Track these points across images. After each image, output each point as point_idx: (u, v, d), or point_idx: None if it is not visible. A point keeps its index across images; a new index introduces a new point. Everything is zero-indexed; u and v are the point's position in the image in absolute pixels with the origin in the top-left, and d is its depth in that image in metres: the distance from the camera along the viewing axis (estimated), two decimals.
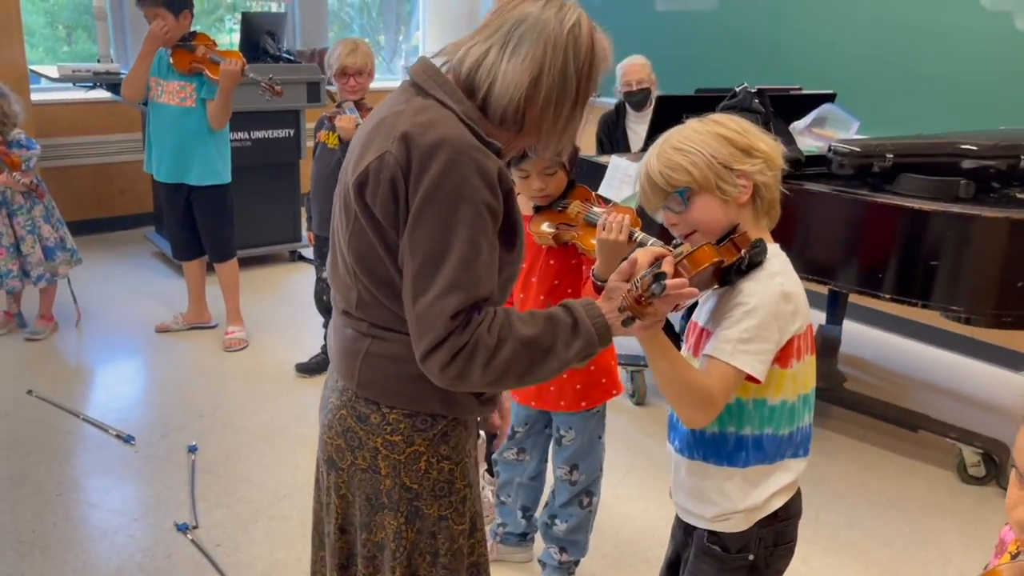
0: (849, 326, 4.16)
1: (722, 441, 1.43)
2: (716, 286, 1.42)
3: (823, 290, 3.87)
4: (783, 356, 1.38)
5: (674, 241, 1.45)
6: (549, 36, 1.27)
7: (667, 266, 1.28)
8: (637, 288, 1.22)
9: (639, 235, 1.81)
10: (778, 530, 1.47)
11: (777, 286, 1.35)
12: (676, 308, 1.33)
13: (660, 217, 1.44)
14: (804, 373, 1.42)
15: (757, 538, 1.45)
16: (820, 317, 4.20)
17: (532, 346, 1.26)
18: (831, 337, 3.96)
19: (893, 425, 3.35)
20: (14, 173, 3.68)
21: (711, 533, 1.48)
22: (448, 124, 1.25)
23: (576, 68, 1.29)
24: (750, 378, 1.34)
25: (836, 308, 4.08)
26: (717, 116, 1.42)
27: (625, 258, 1.35)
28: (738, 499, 1.43)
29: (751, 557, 1.46)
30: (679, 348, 1.46)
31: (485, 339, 1.23)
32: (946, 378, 4.00)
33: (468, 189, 1.22)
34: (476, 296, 1.24)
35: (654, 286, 1.20)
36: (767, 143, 1.39)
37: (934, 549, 2.70)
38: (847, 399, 3.48)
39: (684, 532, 1.58)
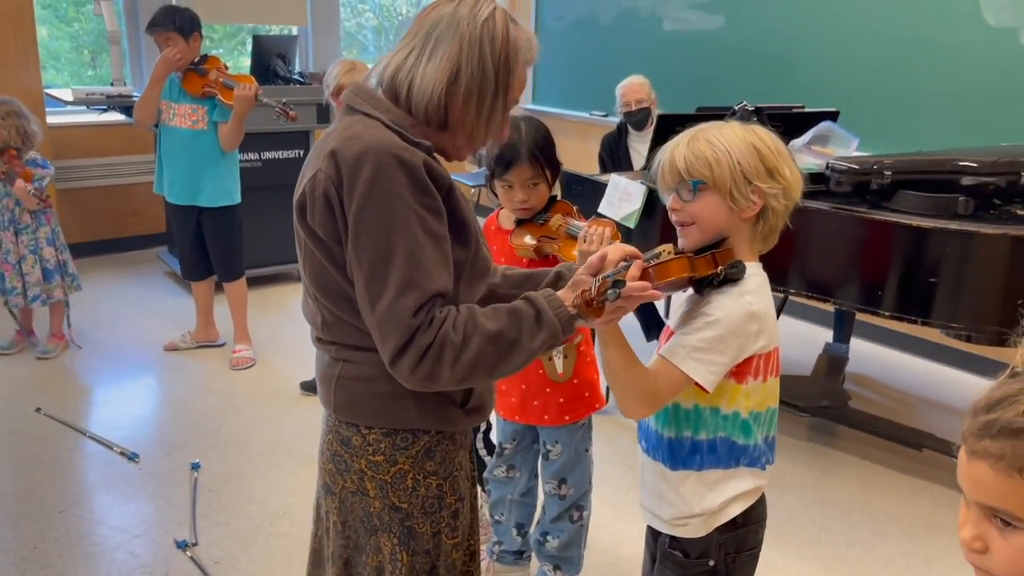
0: (854, 343, 4.13)
1: (678, 446, 1.45)
2: (691, 291, 1.43)
3: (830, 308, 3.85)
4: (740, 372, 1.39)
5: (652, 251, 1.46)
6: (464, 33, 1.31)
7: (635, 269, 1.28)
8: (593, 289, 1.23)
9: None
10: (739, 537, 1.47)
11: (745, 304, 1.36)
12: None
13: (667, 200, 1.45)
14: (762, 393, 1.43)
15: (717, 544, 1.47)
16: (827, 335, 4.18)
17: (498, 340, 1.27)
18: (838, 356, 3.94)
19: (898, 444, 3.32)
20: (28, 186, 3.75)
21: (672, 539, 1.50)
22: (373, 132, 1.28)
23: (494, 60, 1.32)
24: (699, 386, 1.36)
25: (843, 326, 4.07)
26: (759, 128, 1.43)
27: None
28: (694, 502, 1.45)
29: (711, 563, 1.47)
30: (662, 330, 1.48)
31: (451, 336, 1.25)
32: (951, 396, 3.95)
33: (399, 187, 1.24)
34: (432, 291, 1.25)
35: (609, 292, 1.20)
36: (793, 172, 1.40)
37: (937, 569, 2.66)
38: (852, 417, 3.45)
39: (653, 538, 1.60)
